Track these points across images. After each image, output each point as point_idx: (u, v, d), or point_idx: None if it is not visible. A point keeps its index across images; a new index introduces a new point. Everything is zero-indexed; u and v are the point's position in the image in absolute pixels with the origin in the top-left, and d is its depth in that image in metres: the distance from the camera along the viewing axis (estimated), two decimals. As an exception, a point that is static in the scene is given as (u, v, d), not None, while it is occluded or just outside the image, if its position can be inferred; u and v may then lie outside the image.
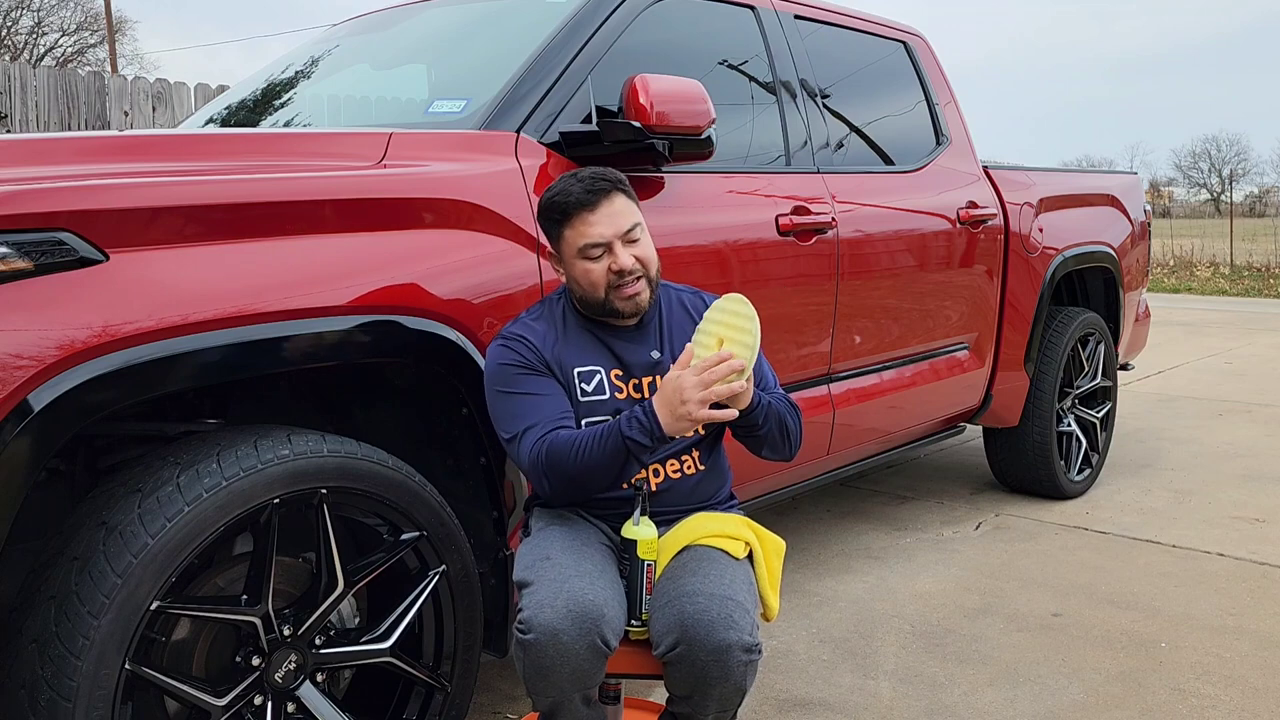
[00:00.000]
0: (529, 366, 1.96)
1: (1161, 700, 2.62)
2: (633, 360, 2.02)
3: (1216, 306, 12.97)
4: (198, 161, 1.90)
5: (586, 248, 1.94)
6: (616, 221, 1.94)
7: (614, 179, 1.98)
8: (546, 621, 1.67)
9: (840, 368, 3.20)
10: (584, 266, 1.95)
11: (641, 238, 1.98)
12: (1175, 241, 21.06)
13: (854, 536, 3.91)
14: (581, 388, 1.99)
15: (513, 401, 1.94)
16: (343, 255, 1.92)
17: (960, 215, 3.65)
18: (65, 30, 35.21)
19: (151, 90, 6.56)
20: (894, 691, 2.67)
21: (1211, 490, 4.49)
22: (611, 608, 1.74)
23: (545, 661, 1.68)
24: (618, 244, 1.94)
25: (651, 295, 2.01)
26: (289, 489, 1.79)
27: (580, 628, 1.67)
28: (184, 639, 1.83)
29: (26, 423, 1.54)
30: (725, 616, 1.72)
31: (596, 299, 1.97)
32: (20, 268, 1.55)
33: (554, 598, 1.70)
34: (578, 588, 1.72)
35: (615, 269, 1.94)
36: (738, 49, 3.07)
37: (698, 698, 1.75)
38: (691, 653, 1.71)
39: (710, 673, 1.71)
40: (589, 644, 1.68)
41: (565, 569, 1.77)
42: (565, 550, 1.83)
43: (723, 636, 1.70)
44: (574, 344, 2.01)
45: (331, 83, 3.13)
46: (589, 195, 1.93)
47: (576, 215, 1.94)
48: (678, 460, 2.03)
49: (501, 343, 1.99)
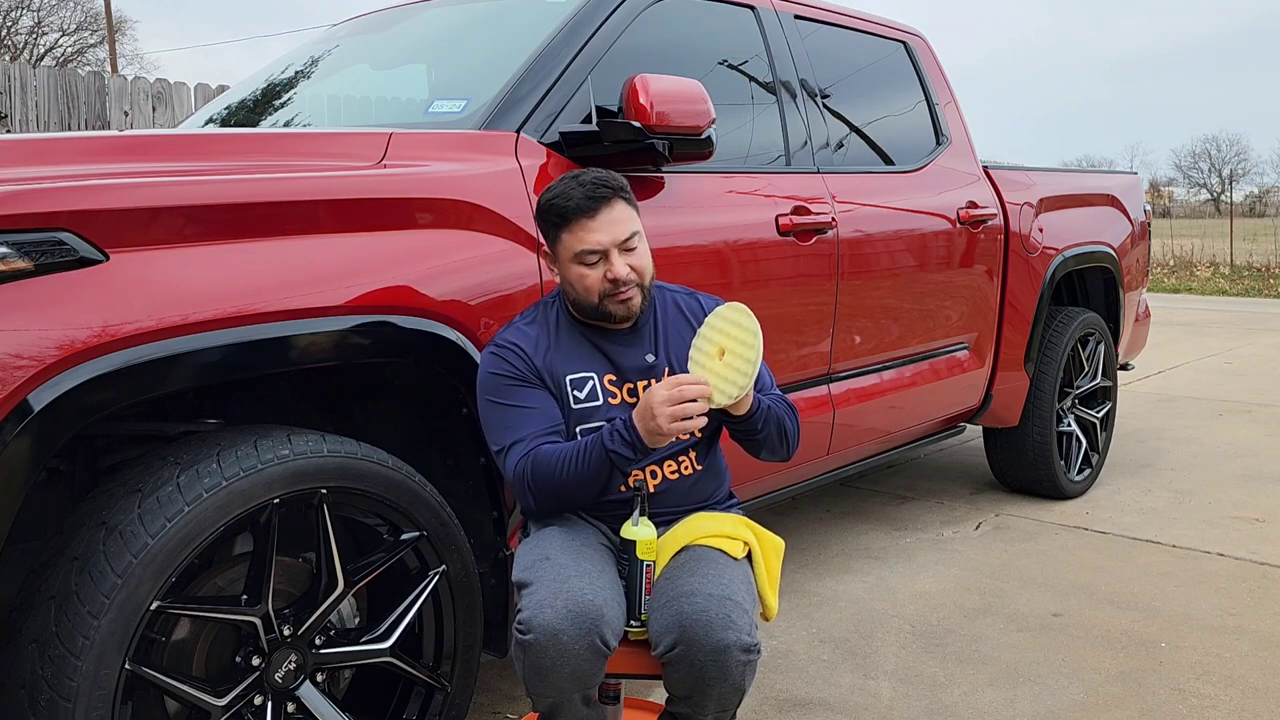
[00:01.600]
0: (519, 377, 1.96)
1: (1161, 700, 2.62)
2: (627, 364, 2.02)
3: (1216, 306, 12.97)
4: (197, 161, 1.90)
5: (583, 254, 1.94)
6: (615, 230, 1.94)
7: (616, 185, 1.97)
8: (546, 622, 1.67)
9: (840, 368, 3.20)
10: (579, 271, 1.95)
11: (638, 246, 1.98)
12: (1175, 241, 21.06)
13: (854, 536, 3.91)
14: (574, 395, 1.98)
15: (501, 412, 1.96)
16: (342, 255, 1.92)
17: (960, 215, 3.65)
18: (65, 30, 35.25)
19: (151, 90, 6.57)
20: (894, 691, 2.67)
21: (1211, 490, 4.49)
22: (611, 608, 1.74)
23: (545, 662, 1.67)
24: (614, 252, 1.94)
25: (644, 301, 2.01)
26: (289, 489, 1.79)
27: (580, 628, 1.67)
28: (184, 639, 1.83)
29: (26, 423, 1.54)
30: (723, 617, 1.72)
31: (590, 303, 1.97)
32: (20, 268, 1.55)
33: (554, 598, 1.70)
34: (577, 588, 1.72)
35: (610, 277, 1.94)
36: (738, 49, 3.07)
37: (696, 698, 1.75)
38: (690, 653, 1.71)
39: (709, 673, 1.71)
40: (589, 644, 1.68)
41: (565, 569, 1.77)
42: (564, 550, 1.83)
43: (721, 637, 1.70)
44: (567, 349, 2.01)
45: (331, 83, 3.13)
46: (590, 202, 1.92)
47: (576, 221, 1.93)
48: (675, 461, 2.03)
49: (493, 350, 1.99)
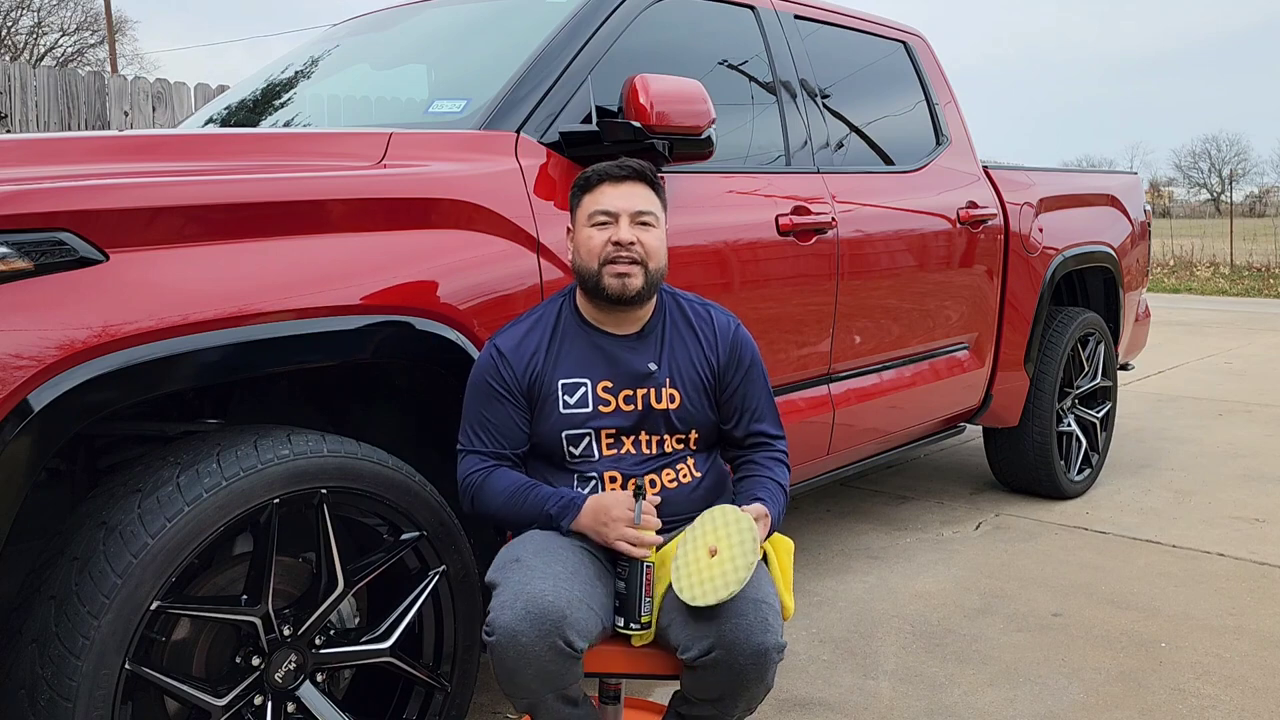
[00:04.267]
0: (502, 390, 1.98)
1: (1161, 700, 2.62)
2: (627, 370, 2.01)
3: (1216, 306, 12.97)
4: (197, 161, 1.90)
5: (596, 213, 1.97)
6: (632, 200, 1.98)
7: (648, 170, 2.03)
8: (505, 623, 1.69)
9: (840, 368, 3.20)
10: (588, 233, 1.98)
11: (654, 226, 2.00)
12: (1175, 241, 21.06)
13: (854, 536, 3.91)
14: (564, 399, 1.98)
15: (472, 412, 2.00)
16: (343, 255, 1.92)
17: (960, 215, 3.65)
18: (65, 30, 35.23)
19: (151, 90, 6.56)
20: (894, 691, 2.67)
21: (1211, 490, 4.49)
22: (578, 609, 1.73)
23: (509, 663, 1.69)
24: (625, 217, 1.96)
25: (644, 287, 1.97)
26: (289, 489, 1.79)
27: (538, 629, 1.68)
28: (184, 639, 1.83)
29: (27, 423, 1.54)
30: (762, 620, 1.74)
31: (591, 270, 1.96)
32: (20, 268, 1.55)
33: (514, 600, 1.71)
34: (538, 589, 1.72)
35: (614, 240, 1.95)
36: (738, 49, 3.07)
37: (728, 700, 1.77)
38: (730, 657, 1.72)
39: (748, 676, 1.73)
40: (549, 645, 1.68)
41: (531, 571, 1.77)
42: (536, 553, 1.83)
43: (761, 640, 1.72)
44: (566, 350, 2.01)
45: (331, 83, 3.13)
46: (618, 170, 1.99)
47: (599, 185, 1.99)
48: (673, 470, 2.03)
49: (488, 350, 2.01)
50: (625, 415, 1.99)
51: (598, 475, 1.99)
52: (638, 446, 2.01)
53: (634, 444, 2.01)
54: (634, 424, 2.00)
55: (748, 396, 2.09)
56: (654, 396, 2.00)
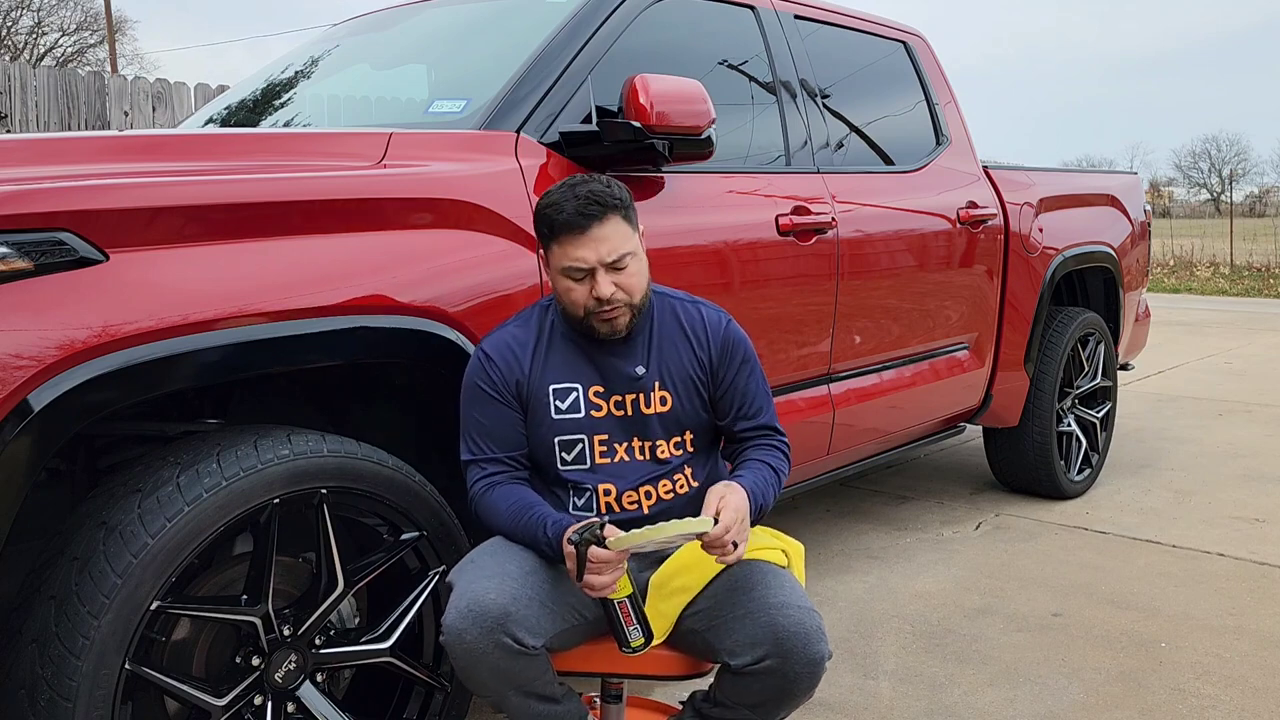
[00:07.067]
0: (493, 391, 1.95)
1: (1161, 700, 2.62)
2: (615, 375, 1.97)
3: (1216, 306, 12.96)
4: (197, 161, 1.90)
5: (569, 269, 1.88)
6: (602, 249, 1.85)
7: (612, 201, 1.87)
8: (450, 623, 1.71)
9: (840, 368, 3.20)
10: (566, 284, 1.90)
11: (630, 265, 1.89)
12: (1175, 241, 21.06)
13: (854, 536, 3.91)
14: (556, 405, 1.95)
15: (469, 420, 1.98)
16: (342, 255, 1.92)
17: (960, 215, 3.65)
18: (65, 30, 35.25)
19: (151, 90, 6.56)
20: (894, 691, 2.67)
21: (1211, 490, 4.49)
22: (526, 606, 1.73)
23: (461, 661, 1.72)
24: (600, 271, 1.86)
25: (634, 320, 1.93)
26: (289, 489, 1.79)
27: (480, 627, 1.68)
28: (184, 639, 1.83)
29: (27, 423, 1.54)
30: (816, 628, 1.76)
31: (575, 317, 1.93)
32: (20, 268, 1.55)
33: (459, 599, 1.72)
34: (482, 589, 1.72)
35: (595, 295, 1.88)
36: (738, 49, 3.07)
37: (771, 705, 1.80)
38: (785, 664, 1.74)
39: (800, 684, 1.76)
40: (494, 643, 1.69)
41: (481, 570, 1.77)
42: (491, 554, 1.83)
43: (817, 648, 1.75)
44: (557, 356, 1.97)
45: (331, 83, 3.13)
46: (580, 218, 1.84)
47: (564, 235, 1.86)
48: (669, 480, 1.99)
49: (478, 355, 1.98)
50: (617, 420, 1.96)
51: (592, 489, 1.95)
52: (631, 454, 1.97)
53: (627, 451, 1.97)
54: (626, 430, 1.97)
55: (742, 393, 2.03)
56: (643, 401, 1.96)
